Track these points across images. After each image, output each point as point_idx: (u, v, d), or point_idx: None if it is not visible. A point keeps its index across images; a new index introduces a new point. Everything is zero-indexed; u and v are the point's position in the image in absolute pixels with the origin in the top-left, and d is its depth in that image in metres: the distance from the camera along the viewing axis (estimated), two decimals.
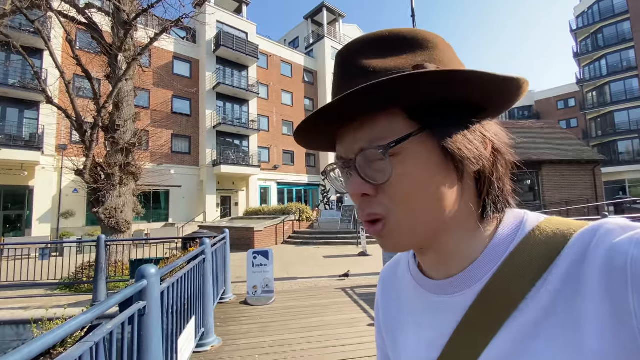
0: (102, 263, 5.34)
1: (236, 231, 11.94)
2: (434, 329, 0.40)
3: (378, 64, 0.36)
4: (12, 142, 13.73)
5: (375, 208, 0.36)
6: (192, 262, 2.93)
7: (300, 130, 0.39)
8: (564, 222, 0.36)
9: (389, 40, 0.38)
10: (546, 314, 0.31)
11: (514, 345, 0.33)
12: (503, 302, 0.34)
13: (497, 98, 0.36)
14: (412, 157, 0.35)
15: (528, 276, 0.34)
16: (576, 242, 0.32)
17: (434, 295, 0.41)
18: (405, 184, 0.35)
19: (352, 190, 0.37)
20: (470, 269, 0.37)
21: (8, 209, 14.79)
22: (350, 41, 0.39)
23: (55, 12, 6.89)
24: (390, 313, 0.50)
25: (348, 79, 0.37)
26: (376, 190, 0.36)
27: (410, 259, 0.48)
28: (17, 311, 5.07)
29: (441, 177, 0.36)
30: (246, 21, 23.46)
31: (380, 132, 0.35)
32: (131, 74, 7.53)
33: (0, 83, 13.85)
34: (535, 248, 0.35)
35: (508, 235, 0.37)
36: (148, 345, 1.71)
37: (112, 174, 7.03)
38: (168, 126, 19.82)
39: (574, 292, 0.30)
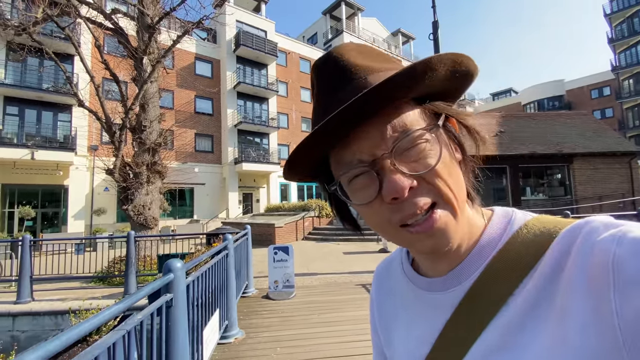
0: (132, 258, 5.61)
1: (257, 227, 12.17)
2: (425, 325, 0.41)
3: (373, 64, 0.37)
4: (48, 143, 14.60)
5: (424, 197, 0.34)
6: (216, 257, 3.03)
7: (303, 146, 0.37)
8: (552, 220, 0.37)
9: (368, 50, 0.40)
10: (532, 309, 0.32)
11: (501, 339, 0.33)
12: (491, 298, 0.35)
13: (461, 80, 0.38)
14: (442, 140, 0.36)
15: (515, 273, 0.34)
16: (561, 240, 0.33)
17: (425, 292, 0.42)
18: (445, 166, 0.35)
19: (397, 187, 0.33)
20: (461, 266, 0.38)
21: (46, 207, 15.76)
22: (333, 48, 0.40)
23: (84, 19, 7.24)
24: (385, 310, 0.51)
25: (350, 79, 0.37)
26: (418, 182, 0.34)
27: (403, 256, 0.49)
28: (55, 302, 5.42)
29: (456, 161, 0.38)
30: (265, 19, 23.65)
31: (410, 120, 0.35)
32: (156, 76, 7.80)
33: (35, 88, 14.71)
34: (522, 246, 0.36)
35: (496, 233, 0.39)
36: (175, 335, 1.79)
37: (139, 172, 7.34)
38: (191, 126, 20.40)
39: (558, 289, 0.31)
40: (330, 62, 0.39)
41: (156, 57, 7.54)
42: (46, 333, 5.16)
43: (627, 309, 0.26)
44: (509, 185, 13.75)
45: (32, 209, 14.32)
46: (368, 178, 0.36)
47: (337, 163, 0.38)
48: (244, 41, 20.98)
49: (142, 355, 1.47)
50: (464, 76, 0.37)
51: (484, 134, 0.40)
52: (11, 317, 5.14)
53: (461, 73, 0.36)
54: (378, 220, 0.36)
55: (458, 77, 0.37)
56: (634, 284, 0.26)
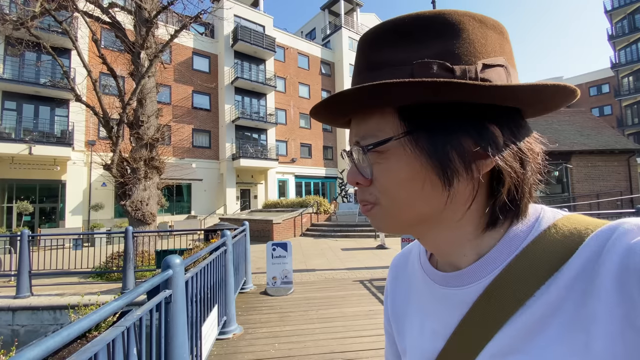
0: (130, 253, 5.62)
1: (256, 223, 12.18)
2: (439, 320, 0.41)
3: (386, 57, 0.36)
4: (45, 138, 14.50)
5: (366, 196, 0.39)
6: (214, 253, 3.04)
7: (317, 110, 0.41)
8: (583, 220, 0.35)
9: (406, 27, 0.36)
10: (554, 312, 0.31)
11: (518, 340, 0.33)
12: (510, 298, 0.34)
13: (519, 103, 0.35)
14: (396, 157, 0.36)
15: (539, 273, 0.33)
16: (592, 242, 0.32)
17: (441, 287, 0.41)
18: (387, 179, 0.37)
19: (347, 178, 0.40)
20: (479, 263, 0.37)
21: (43, 202, 15.71)
22: (370, 28, 0.39)
23: (81, 13, 7.16)
24: (399, 301, 0.51)
25: (361, 70, 0.38)
26: (368, 181, 0.38)
27: (421, 249, 0.49)
28: (53, 297, 5.43)
29: (424, 178, 0.35)
30: (263, 14, 23.46)
31: (372, 129, 0.37)
32: (153, 71, 7.75)
33: (32, 82, 14.58)
34: (549, 246, 0.34)
35: (522, 231, 0.37)
36: (174, 331, 1.80)
37: (137, 168, 7.32)
38: (189, 121, 20.29)
39: (586, 292, 0.30)
40: (359, 46, 0.40)
41: (154, 52, 7.48)
42: (45, 327, 5.17)
43: None
44: None
45: (30, 204, 14.27)
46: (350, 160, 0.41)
47: None
48: (241, 36, 20.82)
49: (141, 351, 1.47)
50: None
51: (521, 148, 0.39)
52: (11, 311, 5.15)
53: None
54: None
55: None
56: None
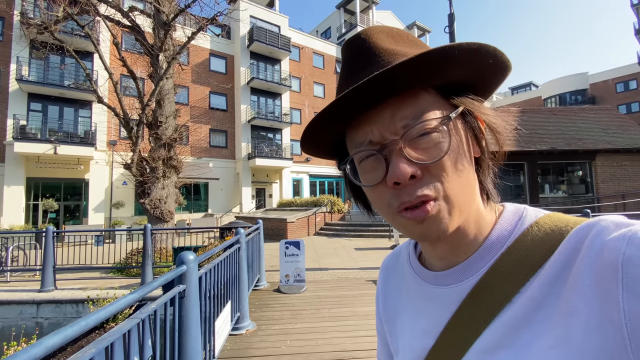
0: (149, 250, 5.78)
1: (270, 222, 12.29)
2: (430, 319, 0.41)
3: (398, 48, 0.37)
4: (69, 139, 15.09)
5: (424, 190, 0.34)
6: (228, 250, 3.08)
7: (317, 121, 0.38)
8: (563, 218, 0.37)
9: (399, 34, 0.39)
10: (538, 307, 0.32)
11: (505, 336, 0.33)
12: (497, 295, 0.35)
13: (492, 80, 0.38)
14: (457, 132, 0.36)
15: (523, 271, 0.34)
16: (571, 239, 0.33)
17: (431, 286, 0.42)
18: (454, 159, 0.35)
19: (399, 173, 0.34)
20: (468, 262, 0.38)
21: (68, 200, 16.36)
22: (362, 29, 0.39)
23: (103, 17, 7.41)
24: (390, 301, 0.52)
25: (371, 62, 0.37)
26: (422, 172, 0.35)
27: (410, 249, 0.50)
28: (76, 291, 5.65)
29: (470, 155, 0.37)
30: (278, 14, 23.63)
31: (424, 108, 0.35)
32: (171, 73, 7.94)
33: (57, 84, 15.20)
34: (532, 244, 0.35)
35: (506, 230, 0.38)
36: (188, 325, 1.85)
37: (156, 167, 7.52)
38: (206, 121, 20.69)
39: (566, 287, 0.31)
40: (358, 42, 0.39)
41: (172, 54, 7.67)
42: (67, 320, 5.39)
43: (635, 309, 0.26)
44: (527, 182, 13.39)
45: (55, 201, 14.89)
46: (376, 161, 0.36)
47: (351, 141, 0.39)
48: (257, 37, 21.04)
49: (155, 343, 1.52)
50: (492, 69, 0.36)
51: (503, 132, 0.40)
52: (35, 304, 5.39)
53: (488, 65, 0.35)
54: (380, 203, 0.37)
55: (485, 69, 0.36)
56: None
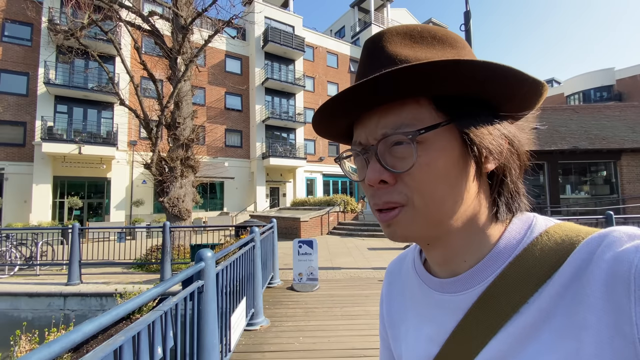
0: (168, 247, 6.00)
1: (284, 221, 12.44)
2: (434, 326, 0.41)
3: (408, 53, 0.36)
4: (93, 139, 15.72)
5: (393, 196, 0.36)
6: (243, 248, 3.20)
7: (323, 110, 0.39)
8: (574, 228, 0.36)
9: (421, 33, 0.38)
10: (546, 318, 0.32)
11: (511, 347, 0.33)
12: (504, 304, 0.34)
13: (521, 100, 0.37)
14: (437, 147, 0.35)
15: (532, 280, 0.34)
16: (582, 249, 0.32)
17: (436, 293, 0.42)
18: (426, 173, 0.35)
19: (370, 177, 0.36)
20: (474, 270, 0.38)
21: (91, 198, 17.05)
22: (380, 30, 0.39)
23: (125, 22, 7.70)
24: (394, 307, 0.52)
25: (376, 67, 0.37)
26: (395, 179, 0.36)
27: (416, 255, 0.49)
28: (100, 285, 5.92)
29: (461, 171, 0.36)
30: (293, 15, 23.79)
31: (406, 119, 0.35)
32: (189, 75, 8.18)
33: (81, 87, 15.86)
34: (541, 253, 0.35)
35: (515, 238, 0.38)
36: (206, 318, 1.95)
37: (174, 167, 7.78)
38: (222, 121, 21.10)
39: (575, 299, 0.30)
40: (370, 44, 0.39)
41: (189, 57, 7.90)
42: (93, 313, 5.66)
43: None
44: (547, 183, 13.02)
45: (79, 199, 15.56)
46: (361, 161, 0.39)
47: (353, 138, 0.42)
48: (272, 37, 21.26)
49: (177, 334, 1.63)
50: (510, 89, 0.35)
51: (520, 151, 0.39)
52: (62, 297, 5.69)
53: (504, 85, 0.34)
54: (368, 198, 0.40)
55: (500, 89, 0.35)
56: None
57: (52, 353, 0.80)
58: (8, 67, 15.68)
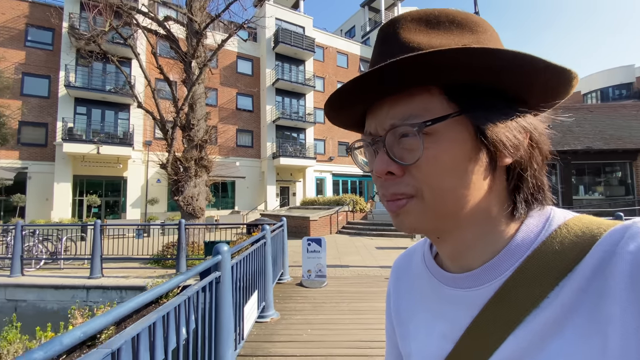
0: (183, 243, 6.28)
1: (293, 220, 12.66)
2: (447, 322, 0.40)
3: (422, 40, 0.35)
4: (110, 139, 16.30)
5: (401, 188, 0.36)
6: (255, 245, 3.40)
7: (331, 102, 0.39)
8: (595, 220, 0.35)
9: (437, 17, 0.36)
10: (569, 313, 0.30)
11: (532, 343, 0.32)
12: (523, 299, 0.33)
13: (541, 90, 0.35)
14: (446, 139, 0.34)
15: (552, 274, 0.32)
16: (604, 241, 0.31)
17: (449, 288, 0.40)
18: (434, 166, 0.34)
19: (377, 168, 0.36)
20: (490, 264, 0.36)
21: (108, 196, 17.67)
22: (396, 16, 0.38)
23: (142, 28, 8.03)
24: (402, 303, 0.50)
25: (387, 54, 0.35)
26: (402, 170, 0.35)
27: (426, 249, 0.48)
28: (120, 279, 6.24)
29: (472, 164, 0.34)
30: (303, 15, 24.02)
31: (416, 109, 0.34)
32: (202, 78, 8.47)
33: (99, 89, 16.46)
34: (561, 246, 0.33)
35: (532, 232, 0.36)
36: (222, 307, 2.15)
37: (188, 167, 8.08)
38: (233, 122, 21.53)
39: (599, 292, 0.29)
40: (382, 31, 0.38)
41: (203, 61, 8.19)
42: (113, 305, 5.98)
43: None
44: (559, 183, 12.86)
45: (98, 197, 16.15)
46: (371, 151, 0.39)
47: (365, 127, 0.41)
48: (282, 38, 21.53)
49: (197, 319, 1.83)
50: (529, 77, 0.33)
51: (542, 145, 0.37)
52: (85, 289, 6.03)
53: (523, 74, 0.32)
54: (377, 188, 0.39)
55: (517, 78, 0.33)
56: None
57: (108, 320, 1.00)
58: (31, 71, 16.41)
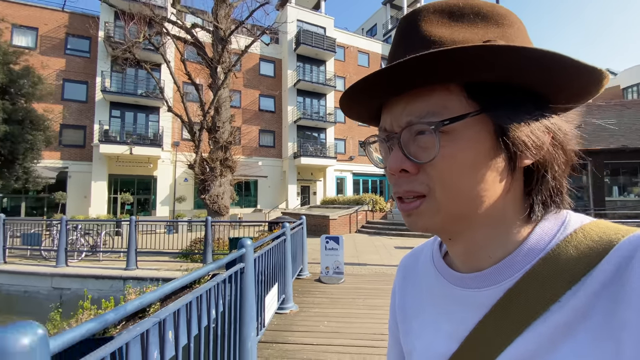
0: (209, 239, 6.68)
1: (313, 218, 12.92)
2: (454, 322, 0.39)
3: (444, 34, 0.34)
4: (142, 140, 17.27)
5: (415, 186, 0.35)
6: (276, 240, 3.66)
7: (348, 95, 0.38)
8: (612, 226, 0.34)
9: (462, 9, 0.35)
10: (581, 318, 0.30)
11: (541, 346, 0.31)
12: (533, 302, 0.32)
13: (569, 89, 0.34)
14: (464, 138, 0.33)
15: (565, 278, 0.31)
16: (622, 247, 0.30)
17: (457, 288, 0.39)
18: (450, 165, 0.33)
19: (391, 165, 0.35)
20: (501, 265, 0.36)
21: (139, 194, 18.72)
22: (419, 6, 0.37)
23: (172, 37, 8.55)
24: (407, 301, 0.50)
25: (407, 48, 0.35)
26: (417, 169, 0.34)
27: (435, 248, 0.47)
28: (152, 271, 6.73)
29: (490, 165, 0.33)
30: (324, 16, 24.23)
31: (434, 107, 0.33)
32: (227, 82, 8.88)
33: (132, 94, 17.48)
34: (576, 250, 0.32)
35: (547, 234, 0.35)
36: (246, 295, 2.40)
37: (214, 167, 8.53)
38: (256, 123, 22.13)
39: (615, 298, 0.28)
40: (403, 23, 0.37)
41: (228, 66, 8.60)
42: None
43: None
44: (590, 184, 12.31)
45: (130, 195, 17.17)
46: (385, 147, 0.38)
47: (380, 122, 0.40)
48: (304, 40, 21.85)
49: (224, 303, 2.08)
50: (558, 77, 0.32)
51: (567, 149, 0.36)
52: (122, 280, 6.55)
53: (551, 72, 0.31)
54: (390, 185, 0.39)
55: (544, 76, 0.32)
56: None
57: (156, 295, 1.25)
58: (71, 77, 17.64)
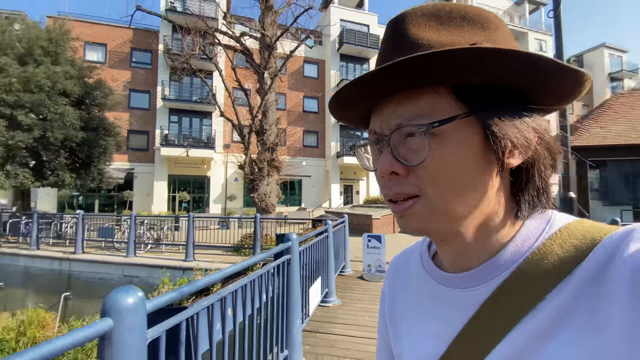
0: (258, 234, 7.14)
1: (356, 217, 12.99)
2: (442, 322, 0.39)
3: (432, 37, 0.34)
4: (197, 143, 18.74)
5: (405, 188, 0.35)
6: (319, 236, 3.86)
7: (336, 99, 0.38)
8: (596, 225, 0.34)
9: (449, 13, 0.35)
10: (565, 316, 0.30)
11: (528, 344, 0.31)
12: (520, 301, 0.33)
13: (554, 91, 0.34)
14: (453, 140, 0.33)
15: (550, 276, 0.32)
16: (606, 244, 0.30)
17: (445, 288, 0.40)
18: (440, 167, 0.33)
19: (381, 168, 0.35)
20: (488, 264, 0.36)
21: (194, 192, 20.32)
22: (405, 10, 0.37)
23: (224, 47, 9.21)
24: (397, 302, 0.50)
25: (395, 51, 0.35)
26: (407, 171, 0.35)
27: (424, 249, 0.48)
28: (207, 263, 7.35)
29: (479, 166, 0.34)
30: (367, 13, 24.06)
31: (423, 109, 0.33)
32: (274, 87, 9.35)
33: (187, 100, 19.05)
34: (560, 249, 0.33)
35: (533, 233, 0.36)
36: (292, 284, 2.62)
37: (262, 167, 9.05)
38: (300, 124, 22.74)
39: (598, 295, 0.29)
40: (391, 26, 0.37)
41: (274, 71, 9.05)
42: None
43: None
44: None
45: (187, 194, 18.73)
46: (375, 150, 0.38)
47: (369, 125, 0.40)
48: (347, 39, 21.91)
49: (273, 290, 2.32)
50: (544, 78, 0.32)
51: (553, 149, 0.36)
52: (182, 270, 7.26)
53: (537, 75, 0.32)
54: (380, 188, 0.38)
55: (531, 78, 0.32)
56: None
57: (218, 276, 1.51)
58: (136, 87, 19.69)
